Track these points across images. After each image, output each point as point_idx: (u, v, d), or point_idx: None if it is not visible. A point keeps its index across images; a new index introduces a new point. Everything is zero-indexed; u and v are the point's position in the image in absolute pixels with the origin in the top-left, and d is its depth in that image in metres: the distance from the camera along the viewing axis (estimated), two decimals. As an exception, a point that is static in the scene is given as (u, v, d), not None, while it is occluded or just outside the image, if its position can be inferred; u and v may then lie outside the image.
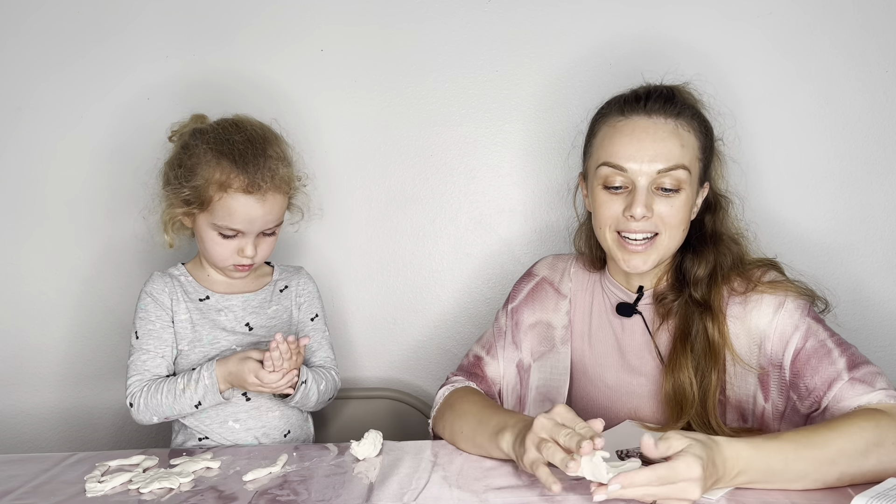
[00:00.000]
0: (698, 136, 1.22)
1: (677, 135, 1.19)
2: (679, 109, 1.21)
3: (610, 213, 1.21)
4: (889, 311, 1.64)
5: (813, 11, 1.59)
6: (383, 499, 1.05)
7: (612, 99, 1.26)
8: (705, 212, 1.28)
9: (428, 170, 1.68)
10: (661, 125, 1.19)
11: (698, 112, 1.25)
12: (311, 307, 1.46)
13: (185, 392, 1.29)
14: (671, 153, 1.18)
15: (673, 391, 1.20)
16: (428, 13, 1.64)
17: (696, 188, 1.22)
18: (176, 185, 1.33)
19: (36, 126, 1.67)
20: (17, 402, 1.72)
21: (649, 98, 1.21)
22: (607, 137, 1.22)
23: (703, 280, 1.22)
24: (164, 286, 1.38)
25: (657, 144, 1.18)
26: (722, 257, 1.23)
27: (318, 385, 1.36)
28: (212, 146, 1.31)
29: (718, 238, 1.26)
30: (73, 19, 1.64)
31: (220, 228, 1.31)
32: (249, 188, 1.28)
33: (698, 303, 1.21)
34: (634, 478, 0.92)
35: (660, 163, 1.17)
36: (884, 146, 1.61)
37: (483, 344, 1.39)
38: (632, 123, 1.20)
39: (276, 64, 1.65)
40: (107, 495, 1.11)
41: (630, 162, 1.18)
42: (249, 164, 1.29)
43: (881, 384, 1.10)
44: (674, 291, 1.25)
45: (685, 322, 1.22)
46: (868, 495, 0.93)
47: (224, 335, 1.37)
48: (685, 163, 1.18)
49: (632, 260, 1.21)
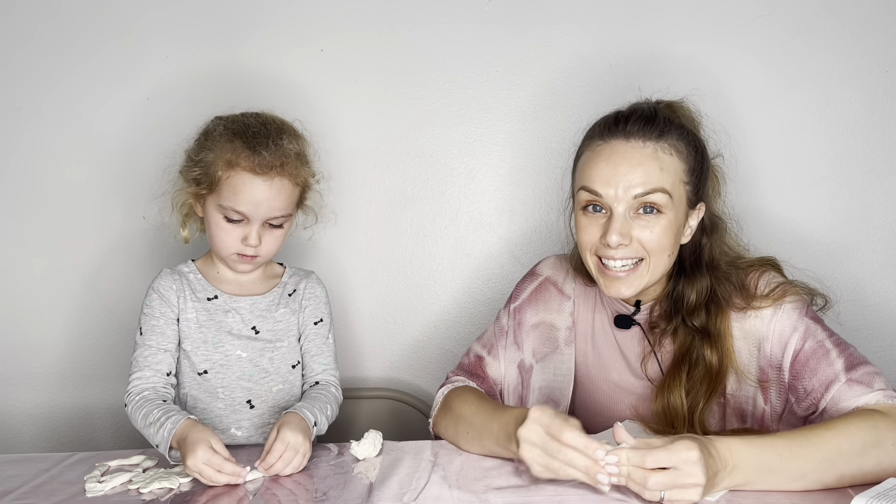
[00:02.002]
0: (684, 157, 1.18)
1: (656, 158, 1.15)
2: (661, 130, 1.17)
3: (589, 237, 1.19)
4: (889, 311, 1.64)
5: (813, 11, 1.59)
6: (383, 499, 1.05)
7: (597, 121, 1.24)
8: (702, 234, 1.25)
9: (428, 170, 1.68)
10: (639, 149, 1.15)
11: (687, 131, 1.20)
12: (315, 311, 1.42)
13: (150, 427, 1.22)
14: (649, 177, 1.14)
15: (663, 411, 1.20)
16: (428, 13, 1.64)
17: (682, 211, 1.19)
18: (189, 165, 1.33)
19: (36, 126, 1.67)
20: (17, 402, 1.72)
21: (629, 120, 1.18)
22: (588, 162, 1.20)
23: (699, 307, 1.20)
24: (171, 283, 1.37)
25: (634, 170, 1.15)
26: (721, 284, 1.21)
27: (325, 414, 1.31)
28: (228, 128, 1.32)
29: (714, 264, 1.23)
30: (73, 19, 1.64)
31: (226, 210, 1.30)
32: (257, 168, 1.27)
33: (698, 330, 1.20)
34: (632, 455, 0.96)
35: (637, 188, 1.14)
36: (884, 146, 1.61)
37: (484, 343, 1.39)
38: (609, 148, 1.17)
39: (276, 64, 1.65)
40: (107, 495, 1.11)
41: (606, 188, 1.16)
42: (260, 146, 1.28)
43: (879, 384, 1.10)
44: (665, 319, 1.24)
45: (683, 346, 1.21)
46: (868, 495, 0.94)
47: (230, 339, 1.36)
48: (665, 186, 1.15)
49: (613, 286, 1.19)
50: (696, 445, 0.95)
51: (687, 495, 0.95)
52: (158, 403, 1.25)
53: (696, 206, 1.22)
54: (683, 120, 1.23)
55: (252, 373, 1.37)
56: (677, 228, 1.19)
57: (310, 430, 1.23)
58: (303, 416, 1.24)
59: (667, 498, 0.96)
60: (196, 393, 1.36)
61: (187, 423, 1.19)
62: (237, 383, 1.37)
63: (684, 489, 0.95)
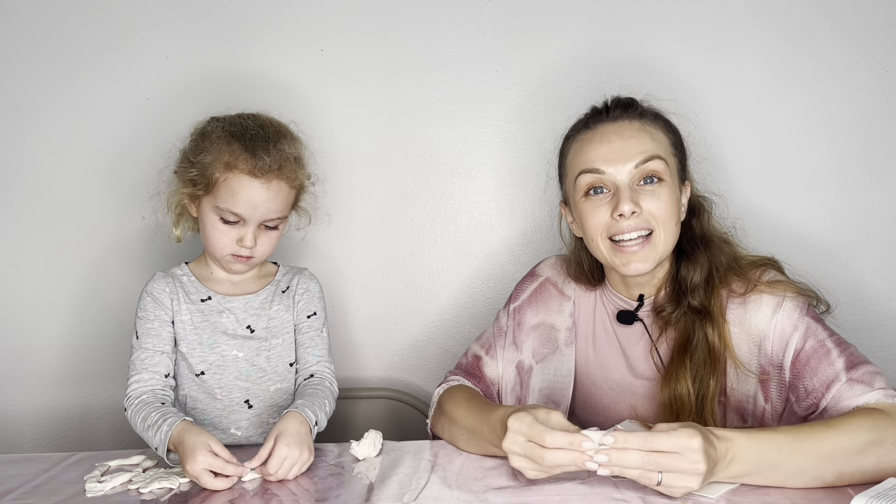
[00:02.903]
0: (666, 133, 1.25)
1: (645, 131, 1.22)
2: (641, 112, 1.25)
3: (598, 220, 1.20)
4: (889, 311, 1.64)
5: (813, 11, 1.59)
6: (383, 499, 1.05)
7: (575, 122, 1.30)
8: (691, 216, 1.28)
9: (428, 170, 1.68)
10: (627, 126, 1.23)
11: (660, 115, 1.27)
12: (308, 304, 1.42)
13: (149, 430, 1.22)
14: (644, 146, 1.20)
15: (669, 401, 1.20)
16: (428, 13, 1.64)
17: (677, 183, 1.23)
18: (186, 166, 1.33)
19: (36, 126, 1.67)
20: (17, 402, 1.72)
21: (610, 108, 1.26)
22: (579, 150, 1.24)
23: (700, 286, 1.22)
24: (164, 286, 1.37)
25: (628, 142, 1.20)
26: (716, 259, 1.23)
27: (324, 410, 1.30)
28: (226, 129, 1.32)
29: (708, 240, 1.26)
30: (73, 19, 1.64)
31: (222, 212, 1.30)
32: (255, 171, 1.27)
33: (697, 310, 1.21)
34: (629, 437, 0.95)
35: (635, 157, 1.19)
36: (884, 146, 1.61)
37: (482, 343, 1.39)
38: (599, 132, 1.23)
39: (276, 64, 1.65)
40: (107, 495, 1.11)
41: (606, 164, 1.20)
42: (259, 149, 1.28)
43: (880, 384, 1.10)
44: (672, 303, 1.24)
45: (685, 332, 1.21)
46: (868, 495, 0.93)
47: (225, 339, 1.37)
48: (660, 153, 1.21)
49: (631, 262, 1.20)
50: (698, 433, 0.95)
51: (685, 482, 0.95)
52: (156, 406, 1.25)
53: (685, 183, 1.27)
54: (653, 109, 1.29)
55: (249, 372, 1.37)
56: (677, 199, 1.22)
57: (310, 433, 1.22)
58: (304, 415, 1.23)
59: (665, 483, 0.95)
60: (195, 394, 1.36)
61: (183, 425, 1.18)
62: (234, 383, 1.37)
63: (683, 475, 0.95)
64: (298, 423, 1.21)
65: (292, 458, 1.15)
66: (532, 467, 1.03)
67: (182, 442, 1.15)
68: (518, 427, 1.04)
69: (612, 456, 0.96)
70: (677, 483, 0.95)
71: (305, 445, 1.18)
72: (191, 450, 1.12)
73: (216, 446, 1.13)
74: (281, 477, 1.14)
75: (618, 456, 0.96)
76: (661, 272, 1.26)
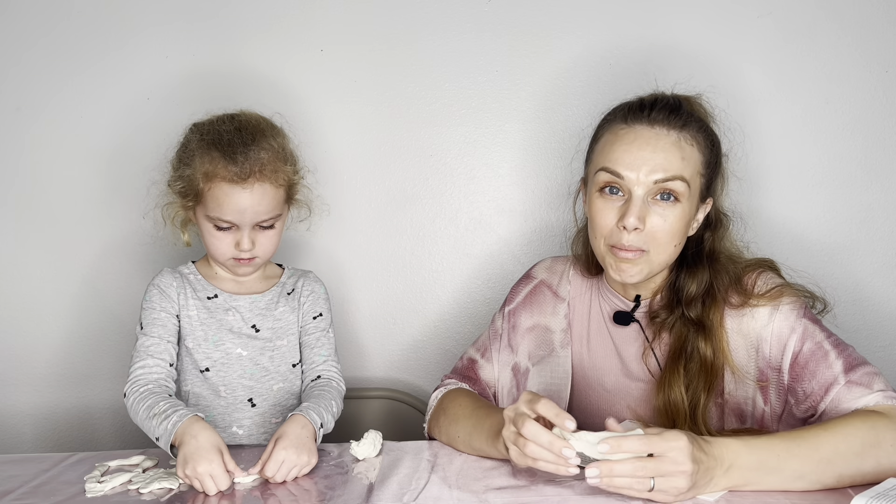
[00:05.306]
0: (702, 150, 1.19)
1: (679, 147, 1.17)
2: (684, 121, 1.18)
3: (604, 222, 1.19)
4: (889, 311, 1.64)
5: (813, 12, 1.59)
6: (383, 499, 1.05)
7: (619, 106, 1.24)
8: (706, 229, 1.26)
9: (428, 170, 1.68)
10: (664, 136, 1.16)
11: (706, 125, 1.22)
12: (314, 306, 1.43)
13: (154, 418, 1.19)
14: (671, 164, 1.15)
15: (664, 407, 1.20)
16: (428, 13, 1.64)
17: (695, 203, 1.20)
18: (174, 178, 1.33)
19: (36, 126, 1.67)
20: (18, 402, 1.72)
21: (654, 107, 1.19)
22: (609, 144, 1.20)
23: (697, 298, 1.21)
24: (172, 281, 1.37)
25: (657, 155, 1.15)
26: (718, 277, 1.21)
27: (331, 412, 1.30)
28: (203, 138, 1.31)
29: (715, 257, 1.24)
30: (73, 19, 1.64)
31: (214, 220, 1.30)
32: (234, 178, 1.27)
33: (693, 322, 1.20)
34: (623, 442, 0.95)
35: (658, 173, 1.15)
36: (884, 146, 1.61)
37: (478, 347, 1.39)
38: (633, 132, 1.18)
39: (276, 64, 1.65)
40: (107, 495, 1.11)
41: (628, 170, 1.16)
42: (237, 154, 1.27)
43: (879, 385, 1.10)
44: (666, 310, 1.24)
45: (679, 340, 1.21)
46: (868, 495, 0.94)
47: (230, 337, 1.37)
48: (685, 175, 1.16)
49: (623, 270, 1.19)
50: (684, 435, 0.95)
51: (674, 482, 0.95)
52: (165, 397, 1.24)
53: (706, 201, 1.24)
54: (700, 114, 1.24)
55: (253, 371, 1.37)
56: (688, 219, 1.19)
57: (313, 437, 1.21)
58: (309, 418, 1.22)
59: (657, 487, 0.96)
60: (199, 391, 1.37)
61: (195, 420, 1.16)
62: (238, 381, 1.37)
63: (671, 477, 0.95)
64: (300, 426, 1.20)
65: (290, 462, 1.14)
66: (519, 457, 1.04)
67: (195, 437, 1.13)
68: (507, 413, 1.06)
69: (602, 468, 0.96)
70: (667, 486, 0.96)
71: (305, 449, 1.17)
72: (204, 451, 1.11)
73: (227, 456, 1.13)
74: (279, 480, 1.14)
75: (608, 468, 0.96)
76: (658, 278, 1.25)
